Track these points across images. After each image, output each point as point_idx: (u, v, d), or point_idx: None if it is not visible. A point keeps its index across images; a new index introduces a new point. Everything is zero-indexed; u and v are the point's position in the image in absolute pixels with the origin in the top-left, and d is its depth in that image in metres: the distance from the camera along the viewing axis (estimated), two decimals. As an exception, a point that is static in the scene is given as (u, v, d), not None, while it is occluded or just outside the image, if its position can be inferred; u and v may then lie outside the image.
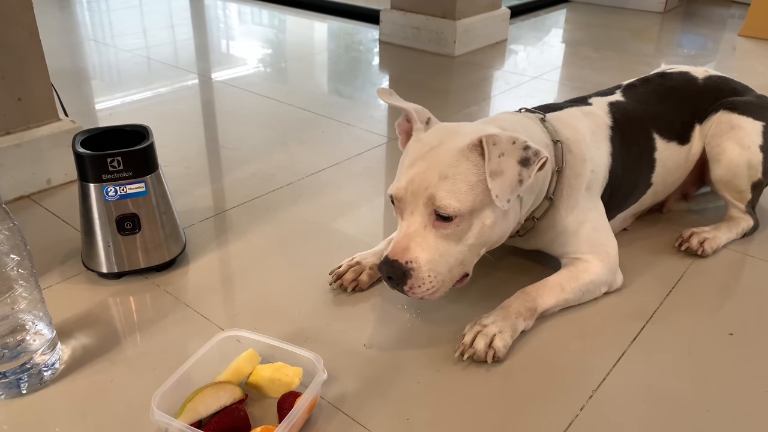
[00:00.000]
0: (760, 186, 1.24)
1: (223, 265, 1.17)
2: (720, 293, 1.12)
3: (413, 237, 0.89)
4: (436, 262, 0.89)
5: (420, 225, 0.90)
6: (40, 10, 1.35)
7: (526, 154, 0.87)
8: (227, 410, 0.79)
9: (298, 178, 1.50)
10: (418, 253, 0.88)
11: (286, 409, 0.79)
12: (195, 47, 2.74)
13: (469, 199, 0.88)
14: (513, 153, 0.87)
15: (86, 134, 1.08)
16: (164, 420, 0.75)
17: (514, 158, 0.87)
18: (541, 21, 3.34)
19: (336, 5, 3.31)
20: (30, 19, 1.31)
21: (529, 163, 0.87)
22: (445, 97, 2.16)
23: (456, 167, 0.88)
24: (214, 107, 2.04)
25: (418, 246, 0.89)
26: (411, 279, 0.88)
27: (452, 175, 0.88)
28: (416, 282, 0.88)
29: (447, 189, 0.87)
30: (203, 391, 0.79)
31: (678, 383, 0.90)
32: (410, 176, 0.91)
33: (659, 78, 1.31)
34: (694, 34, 3.13)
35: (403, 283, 0.88)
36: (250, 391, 0.86)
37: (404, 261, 0.88)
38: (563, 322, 1.03)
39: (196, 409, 0.77)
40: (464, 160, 0.89)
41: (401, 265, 0.88)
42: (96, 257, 1.09)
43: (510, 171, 0.86)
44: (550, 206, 1.05)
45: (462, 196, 0.88)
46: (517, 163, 0.87)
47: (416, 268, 0.88)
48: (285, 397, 0.82)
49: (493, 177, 0.86)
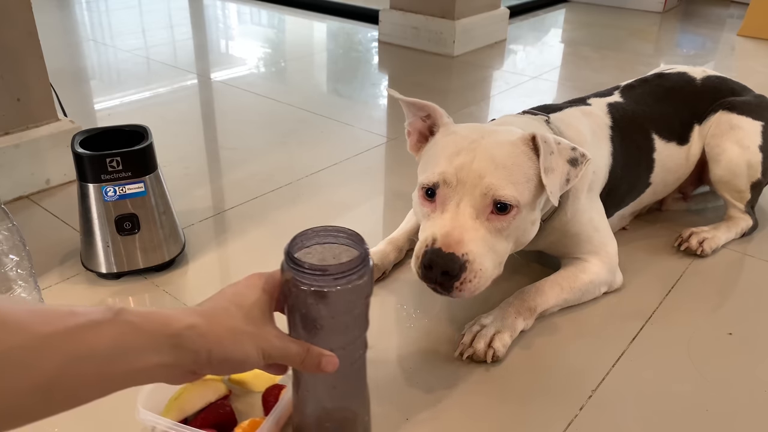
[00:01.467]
0: (760, 186, 1.24)
1: (222, 265, 1.17)
2: (719, 293, 1.12)
3: (464, 229, 0.83)
4: (485, 257, 0.83)
5: (470, 216, 0.84)
6: (38, 9, 1.35)
7: (575, 154, 0.89)
8: (213, 406, 0.80)
9: (297, 178, 1.50)
10: (471, 246, 0.82)
11: (272, 401, 0.80)
12: (194, 47, 2.74)
13: (526, 192, 0.87)
14: (562, 152, 0.88)
15: (85, 134, 1.08)
16: (151, 419, 0.75)
17: (563, 157, 0.88)
18: (540, 21, 3.34)
19: (335, 5, 3.31)
20: (29, 18, 1.31)
21: (577, 163, 0.88)
22: (444, 97, 2.16)
23: (512, 158, 0.87)
24: (214, 107, 2.04)
25: (471, 239, 0.83)
26: (465, 273, 0.81)
27: (510, 165, 0.86)
28: (468, 276, 0.82)
29: (507, 179, 0.85)
30: (188, 389, 0.79)
31: (677, 383, 0.91)
32: (458, 164, 0.86)
33: (657, 78, 1.31)
34: (692, 34, 3.14)
35: (456, 279, 0.81)
36: (234, 387, 0.85)
37: (460, 254, 0.81)
38: (562, 322, 1.03)
39: (182, 407, 0.78)
40: (519, 152, 0.88)
41: (458, 258, 0.81)
42: (95, 257, 1.09)
43: (560, 169, 0.87)
44: (556, 209, 1.05)
45: (521, 187, 0.86)
46: (567, 162, 0.88)
47: (471, 260, 0.82)
48: (269, 390, 0.83)
49: (547, 173, 0.86)
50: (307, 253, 0.67)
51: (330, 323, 0.64)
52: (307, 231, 0.67)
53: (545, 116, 1.08)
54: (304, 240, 0.67)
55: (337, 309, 0.63)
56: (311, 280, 0.61)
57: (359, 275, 0.63)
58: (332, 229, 0.67)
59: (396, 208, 1.35)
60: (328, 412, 0.72)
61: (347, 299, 0.63)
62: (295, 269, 0.62)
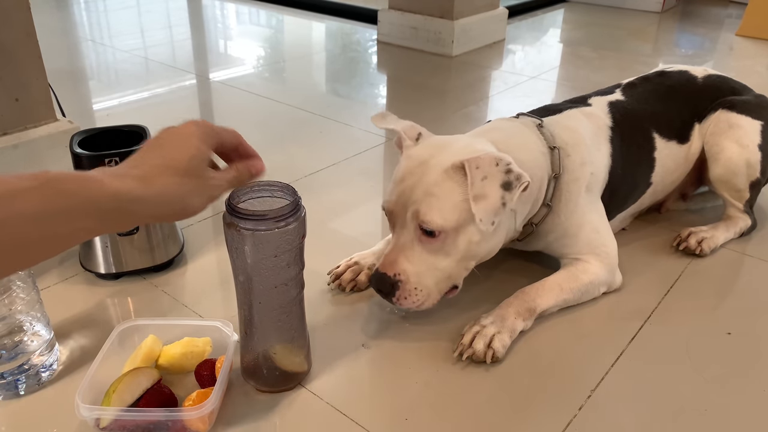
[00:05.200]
0: (759, 185, 1.24)
1: (221, 265, 1.17)
2: (718, 293, 1.12)
3: (402, 250, 0.92)
4: (423, 275, 0.91)
5: (408, 239, 0.92)
6: (37, 9, 1.35)
7: (509, 178, 0.87)
8: (151, 391, 0.80)
9: (296, 178, 1.50)
10: (405, 266, 0.91)
11: (206, 374, 0.85)
12: (193, 47, 2.74)
13: (453, 217, 0.89)
14: (495, 176, 0.87)
15: (84, 134, 1.08)
16: (94, 413, 0.77)
17: (496, 182, 0.87)
18: (539, 21, 3.34)
19: (334, 5, 3.31)
20: (27, 18, 1.31)
21: (511, 187, 0.87)
22: (443, 96, 2.16)
23: (441, 185, 0.89)
24: (212, 107, 2.04)
25: (406, 259, 0.91)
26: (399, 291, 0.91)
27: (437, 192, 0.89)
28: (403, 294, 0.91)
29: (431, 205, 0.89)
30: (123, 380, 0.80)
31: (676, 383, 0.91)
32: (399, 191, 0.93)
33: (659, 77, 1.31)
34: (691, 34, 3.14)
35: (391, 295, 0.91)
36: (163, 372, 0.87)
37: (392, 273, 0.91)
38: (562, 322, 1.03)
39: (122, 398, 0.78)
40: (448, 179, 0.89)
41: (389, 278, 0.91)
42: (94, 258, 1.08)
43: (493, 195, 0.87)
44: (549, 212, 1.05)
45: (446, 214, 0.89)
46: (500, 187, 0.87)
47: (404, 280, 0.91)
48: (201, 365, 0.86)
49: (477, 201, 0.87)
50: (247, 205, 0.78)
51: (272, 262, 0.75)
52: (243, 187, 0.77)
53: (538, 120, 1.08)
54: (241, 195, 0.78)
55: (277, 248, 0.75)
56: (253, 225, 0.73)
57: (295, 218, 0.75)
58: (264, 184, 0.80)
59: (395, 208, 1.35)
60: (274, 346, 0.84)
61: (285, 239, 0.75)
62: (238, 216, 0.73)
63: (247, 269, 0.77)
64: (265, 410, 0.84)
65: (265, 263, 0.76)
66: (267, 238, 0.74)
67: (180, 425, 0.78)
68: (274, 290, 0.78)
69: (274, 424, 0.82)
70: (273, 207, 0.76)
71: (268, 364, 0.85)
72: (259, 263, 0.76)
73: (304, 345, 0.88)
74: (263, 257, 0.75)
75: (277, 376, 0.86)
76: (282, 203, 0.78)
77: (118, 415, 0.77)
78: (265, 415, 0.83)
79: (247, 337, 0.84)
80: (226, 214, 0.75)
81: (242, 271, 0.78)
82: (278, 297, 0.79)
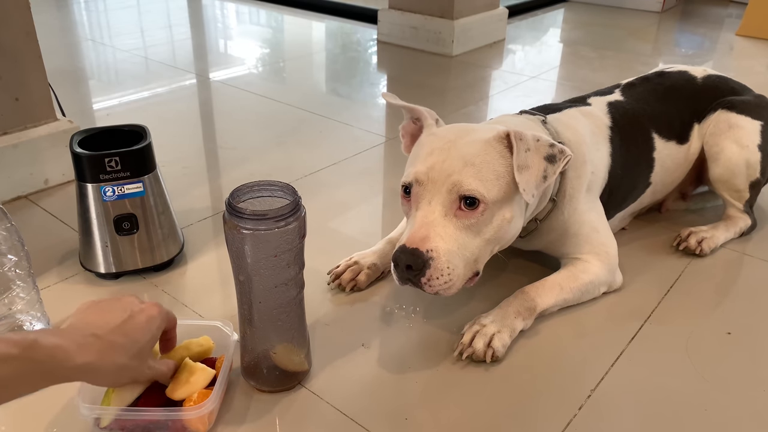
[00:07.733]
0: (758, 185, 1.24)
1: (221, 265, 1.17)
2: (718, 292, 1.12)
3: (432, 226, 0.86)
4: (454, 254, 0.85)
5: (440, 214, 0.86)
6: (37, 9, 1.35)
7: (552, 151, 0.88)
8: (150, 390, 0.80)
9: (296, 178, 1.50)
10: (438, 243, 0.84)
11: None
12: (193, 47, 2.73)
13: (495, 188, 0.87)
14: (539, 149, 0.88)
15: (84, 134, 1.08)
16: (95, 413, 0.77)
17: (540, 154, 0.88)
18: (539, 21, 3.34)
19: (334, 5, 3.31)
20: (27, 18, 1.31)
21: (555, 159, 0.88)
22: (443, 96, 2.16)
23: (482, 156, 0.88)
24: (212, 107, 2.04)
25: (438, 235, 0.85)
26: (430, 270, 0.84)
27: (478, 163, 0.87)
28: (435, 273, 0.84)
29: (473, 175, 0.87)
30: None
31: (676, 382, 0.91)
32: (430, 163, 0.88)
33: (658, 77, 1.31)
34: (691, 34, 3.14)
35: (421, 275, 0.84)
36: None
37: (424, 250, 0.84)
38: (562, 321, 1.03)
39: (122, 397, 0.78)
40: (491, 149, 0.89)
41: (421, 254, 0.83)
42: (94, 257, 1.08)
43: (536, 166, 0.87)
44: (553, 208, 1.05)
45: (489, 184, 0.87)
46: (544, 159, 0.88)
47: (435, 257, 0.84)
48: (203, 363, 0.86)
49: (521, 170, 0.87)
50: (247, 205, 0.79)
51: (272, 262, 0.75)
52: (243, 186, 0.78)
53: (542, 116, 1.08)
54: (241, 195, 0.78)
55: (277, 248, 0.75)
56: (253, 225, 0.73)
57: (295, 218, 0.75)
58: (265, 183, 0.80)
59: (395, 208, 1.35)
60: (274, 346, 0.84)
61: (285, 239, 0.75)
62: (238, 216, 0.73)
63: (247, 269, 0.77)
64: (265, 410, 0.84)
65: (265, 263, 0.76)
66: (267, 237, 0.74)
67: (180, 425, 0.78)
68: (274, 290, 0.78)
69: (274, 423, 0.82)
70: (273, 207, 0.76)
71: (268, 364, 0.85)
72: (259, 263, 0.76)
73: (304, 345, 0.88)
74: (263, 257, 0.75)
75: (277, 376, 0.86)
76: (282, 203, 0.78)
77: (118, 415, 0.77)
78: (265, 414, 0.83)
79: (247, 336, 0.84)
80: (226, 214, 0.75)
81: (242, 271, 0.78)
82: (278, 297, 0.79)
